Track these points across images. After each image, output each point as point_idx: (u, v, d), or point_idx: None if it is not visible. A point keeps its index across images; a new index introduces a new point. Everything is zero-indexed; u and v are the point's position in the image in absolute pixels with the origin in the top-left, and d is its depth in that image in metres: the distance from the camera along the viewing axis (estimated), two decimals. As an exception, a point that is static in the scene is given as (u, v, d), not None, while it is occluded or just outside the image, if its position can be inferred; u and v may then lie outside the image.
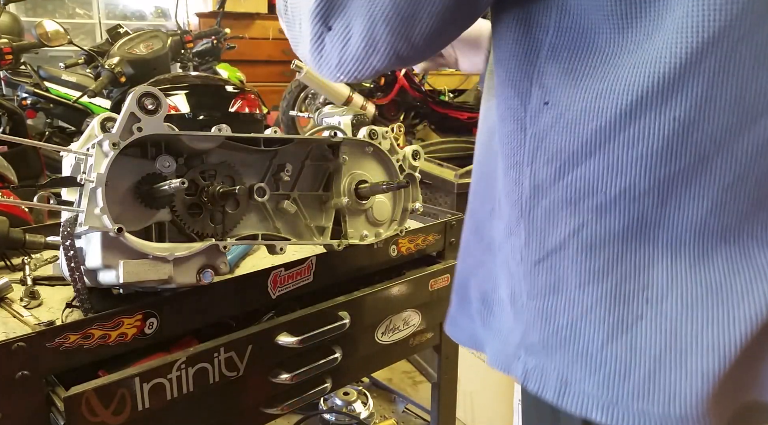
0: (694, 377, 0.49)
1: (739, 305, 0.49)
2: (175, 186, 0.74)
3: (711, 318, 0.49)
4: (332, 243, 0.96)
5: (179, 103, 2.03)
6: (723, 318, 0.49)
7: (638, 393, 0.51)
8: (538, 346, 0.56)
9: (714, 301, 0.49)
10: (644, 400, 0.51)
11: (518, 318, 0.58)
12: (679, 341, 0.50)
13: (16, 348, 0.71)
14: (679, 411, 0.49)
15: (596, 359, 0.52)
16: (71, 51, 3.02)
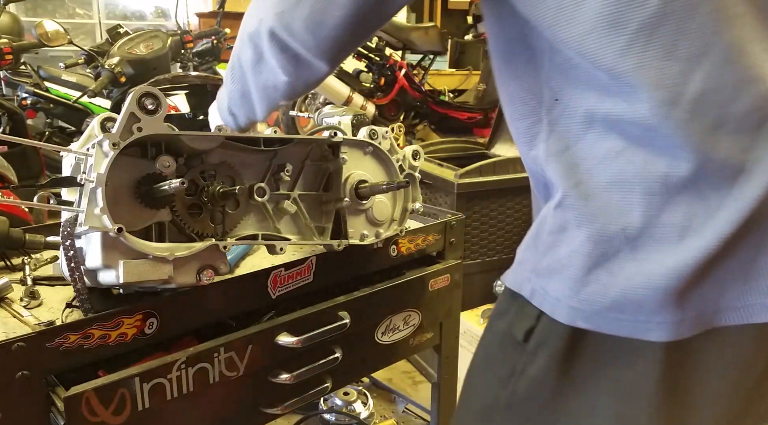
0: (656, 292, 0.62)
1: (694, 239, 0.61)
2: (175, 186, 0.74)
3: (672, 250, 0.62)
4: (332, 243, 0.96)
5: (179, 103, 2.03)
6: (682, 250, 0.61)
7: (614, 306, 0.64)
8: (545, 271, 0.70)
9: (676, 237, 0.62)
10: (618, 311, 0.64)
11: (537, 248, 0.73)
12: (647, 267, 0.63)
13: (16, 348, 0.71)
14: (644, 317, 0.63)
15: (583, 282, 0.66)
16: (71, 51, 3.02)
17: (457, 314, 1.27)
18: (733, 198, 0.61)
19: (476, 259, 2.15)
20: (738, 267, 0.63)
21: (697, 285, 0.63)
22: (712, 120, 0.60)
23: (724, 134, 0.60)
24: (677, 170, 0.61)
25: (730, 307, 0.64)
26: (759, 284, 0.63)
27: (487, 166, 2.09)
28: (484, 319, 1.98)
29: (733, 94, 0.60)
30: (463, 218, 1.25)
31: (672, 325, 0.63)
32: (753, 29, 0.61)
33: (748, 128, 0.61)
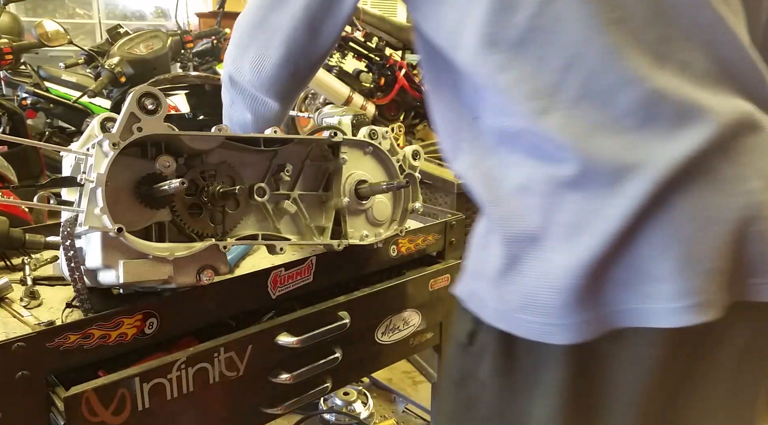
0: (557, 292, 0.64)
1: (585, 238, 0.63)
2: (175, 186, 0.74)
3: (567, 250, 0.64)
4: (332, 243, 0.96)
5: (179, 103, 2.03)
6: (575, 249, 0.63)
7: (523, 308, 0.67)
8: (475, 274, 0.75)
9: (569, 237, 0.64)
10: (527, 312, 0.66)
11: (470, 253, 0.78)
12: (548, 268, 0.65)
13: (16, 348, 0.71)
14: (549, 320, 0.65)
15: (500, 283, 0.69)
16: (71, 51, 3.02)
17: (457, 314, 1.27)
18: (618, 196, 0.62)
19: (476, 259, 2.15)
20: (635, 268, 0.63)
21: (594, 286, 0.63)
22: (590, 123, 0.62)
23: (604, 135, 0.62)
24: (564, 171, 0.63)
25: (631, 309, 0.64)
26: (658, 288, 0.62)
27: (487, 166, 2.09)
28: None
29: (610, 97, 0.62)
30: (463, 218, 1.25)
31: (575, 327, 0.64)
32: (632, 33, 0.62)
33: (630, 128, 0.62)
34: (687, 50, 0.64)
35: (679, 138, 0.62)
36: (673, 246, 0.62)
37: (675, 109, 0.62)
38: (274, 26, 0.80)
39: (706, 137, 0.61)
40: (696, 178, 0.62)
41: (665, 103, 0.62)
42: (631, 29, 0.62)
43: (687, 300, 0.62)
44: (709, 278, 0.62)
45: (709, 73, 0.65)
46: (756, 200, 0.63)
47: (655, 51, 0.63)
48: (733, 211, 0.62)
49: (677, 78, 0.63)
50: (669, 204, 0.61)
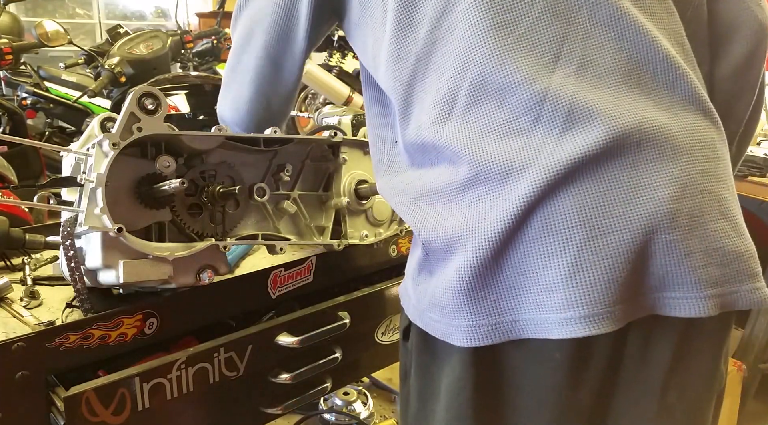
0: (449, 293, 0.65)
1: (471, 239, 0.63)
2: (175, 186, 0.74)
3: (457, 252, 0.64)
4: (332, 243, 0.96)
5: (179, 103, 2.02)
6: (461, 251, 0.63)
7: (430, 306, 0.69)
8: (407, 274, 0.77)
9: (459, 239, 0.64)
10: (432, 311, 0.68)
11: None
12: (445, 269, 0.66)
13: (16, 348, 0.71)
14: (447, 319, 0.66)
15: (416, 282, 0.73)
16: (71, 51, 3.02)
17: (457, 314, 1.27)
18: (502, 199, 0.61)
19: (476, 259, 2.15)
20: (524, 275, 0.61)
21: (484, 289, 0.63)
22: (482, 127, 0.63)
23: (495, 138, 0.62)
24: (458, 177, 0.65)
25: (525, 319, 0.62)
26: (548, 297, 0.60)
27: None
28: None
29: (500, 101, 0.62)
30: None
31: (468, 330, 0.64)
32: (522, 35, 0.62)
33: (520, 131, 0.62)
34: (587, 48, 0.62)
35: (567, 140, 0.59)
36: (562, 254, 0.59)
37: (566, 111, 0.60)
38: (243, 68, 0.87)
39: (597, 141, 0.58)
40: (588, 184, 0.59)
41: (556, 105, 0.60)
42: (521, 31, 0.62)
43: (575, 311, 0.59)
44: (600, 289, 0.59)
45: (612, 71, 0.62)
46: (665, 209, 0.59)
47: (550, 51, 0.62)
48: (636, 220, 0.58)
49: (572, 78, 0.61)
50: (557, 209, 0.59)
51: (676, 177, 0.59)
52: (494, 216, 0.61)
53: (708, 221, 0.60)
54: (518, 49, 0.62)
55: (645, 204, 0.59)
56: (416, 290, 0.73)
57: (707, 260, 0.60)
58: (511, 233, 0.60)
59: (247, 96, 0.88)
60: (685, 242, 0.59)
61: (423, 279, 0.71)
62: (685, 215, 0.59)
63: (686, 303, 0.61)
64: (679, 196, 0.59)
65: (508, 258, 0.61)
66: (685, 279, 0.60)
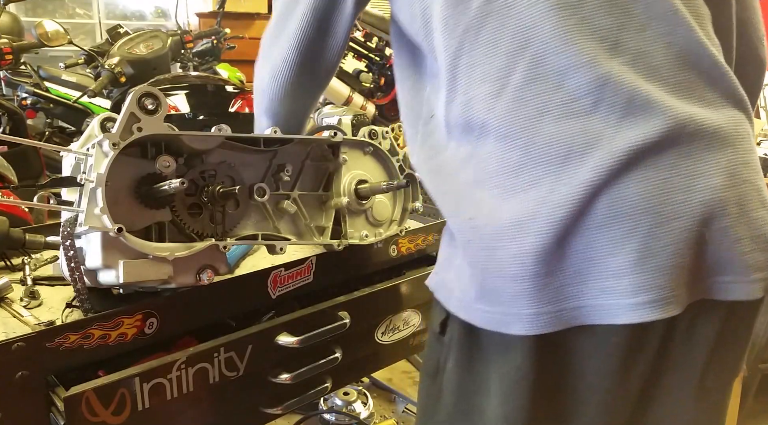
0: (507, 280, 0.64)
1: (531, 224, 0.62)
2: (175, 186, 0.74)
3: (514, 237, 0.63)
4: (332, 243, 0.96)
5: (179, 103, 2.02)
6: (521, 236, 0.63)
7: (478, 297, 0.67)
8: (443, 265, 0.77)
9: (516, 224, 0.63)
10: (482, 302, 0.67)
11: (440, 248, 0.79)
12: (497, 256, 0.64)
13: (16, 348, 0.71)
14: (503, 308, 0.65)
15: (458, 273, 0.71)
16: (71, 51, 3.02)
17: (457, 314, 1.27)
18: (562, 183, 0.61)
19: (476, 259, 2.15)
20: (589, 261, 0.62)
21: (548, 276, 0.62)
22: (539, 107, 0.62)
23: (553, 120, 0.62)
24: (510, 158, 0.63)
25: (589, 306, 0.63)
26: (615, 283, 0.61)
27: (487, 166, 2.09)
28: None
29: (560, 81, 0.62)
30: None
31: (529, 318, 0.63)
32: (585, 18, 0.62)
33: (579, 113, 0.62)
34: (642, 40, 0.63)
35: (627, 127, 0.61)
36: (629, 240, 0.60)
37: (626, 97, 0.61)
38: (287, 33, 0.83)
39: (656, 129, 0.60)
40: (650, 172, 0.60)
41: (617, 91, 0.61)
42: (584, 14, 0.62)
43: (644, 296, 0.61)
44: (667, 274, 0.61)
45: (663, 65, 0.63)
46: (718, 197, 0.61)
47: (609, 38, 0.62)
48: (695, 207, 0.61)
49: (629, 67, 0.62)
50: (622, 196, 0.60)
51: (725, 167, 0.62)
52: (555, 200, 0.61)
53: (751, 209, 0.64)
54: (580, 31, 0.62)
55: (702, 192, 0.61)
56: (460, 281, 0.70)
57: (753, 246, 0.64)
58: (576, 218, 0.61)
59: (289, 63, 0.84)
60: (734, 229, 0.62)
61: (468, 269, 0.68)
62: (734, 203, 0.62)
63: (737, 287, 0.65)
64: (728, 184, 0.62)
65: (574, 245, 0.61)
66: (735, 264, 0.64)
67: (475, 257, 0.67)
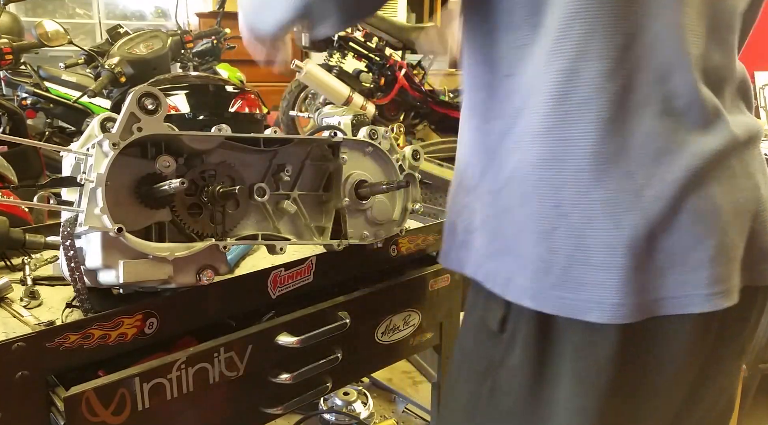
0: (595, 269, 0.64)
1: (624, 216, 0.63)
2: (175, 186, 0.74)
3: (604, 227, 0.63)
4: (332, 243, 0.96)
5: (179, 103, 2.02)
6: (613, 227, 0.63)
7: (557, 283, 0.66)
8: (495, 254, 0.73)
9: (606, 215, 0.63)
10: (559, 289, 0.66)
11: (485, 235, 0.74)
12: (585, 242, 0.64)
13: (16, 348, 0.71)
14: (585, 296, 0.65)
15: (526, 260, 0.68)
16: (71, 51, 3.02)
17: (457, 314, 1.27)
18: (658, 178, 0.63)
19: (476, 259, 2.14)
20: (673, 255, 0.64)
21: (636, 268, 0.64)
22: (642, 98, 0.63)
23: (650, 114, 0.63)
24: (604, 147, 0.63)
25: (670, 297, 0.65)
26: (692, 277, 0.65)
27: (487, 166, 2.09)
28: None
29: (665, 76, 0.63)
30: (463, 218, 1.25)
31: (612, 307, 0.64)
32: (692, 17, 0.64)
33: (673, 111, 0.64)
34: (714, 56, 0.67)
35: (709, 133, 0.65)
36: (710, 237, 0.64)
37: (710, 106, 0.66)
38: None
39: (726, 138, 0.66)
40: (724, 173, 0.66)
41: (704, 98, 0.65)
42: (691, 14, 0.64)
43: (717, 287, 0.64)
44: (733, 265, 0.66)
45: (725, 79, 0.69)
46: (762, 193, 0.70)
47: (702, 44, 0.65)
48: (754, 203, 0.68)
49: (709, 78, 0.66)
50: (707, 195, 0.64)
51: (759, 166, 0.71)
52: (651, 195, 0.63)
53: None
54: (691, 29, 0.64)
55: (755, 190, 0.69)
56: (526, 268, 0.68)
57: None
58: (668, 215, 0.63)
59: None
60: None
61: (541, 255, 0.67)
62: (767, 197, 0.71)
63: None
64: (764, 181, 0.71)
65: (661, 240, 0.64)
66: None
67: (559, 244, 0.66)
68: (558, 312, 0.67)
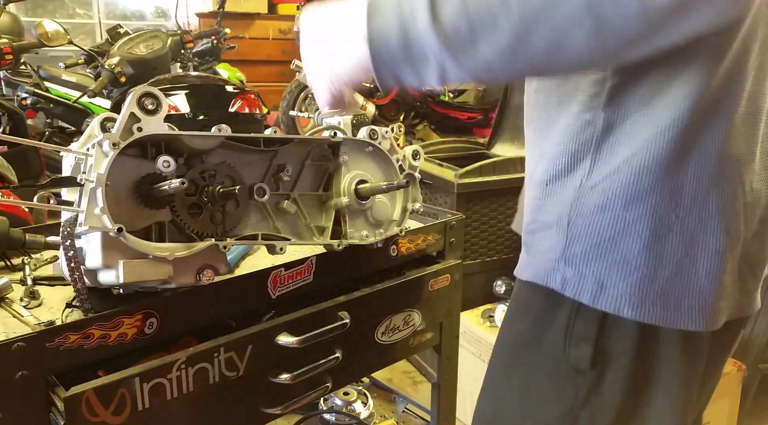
0: (701, 276, 0.63)
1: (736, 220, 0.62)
2: (175, 186, 0.74)
3: (717, 229, 0.62)
4: (332, 243, 0.96)
5: (179, 103, 2.03)
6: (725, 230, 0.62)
7: (662, 293, 0.63)
8: (579, 257, 0.66)
9: (722, 217, 0.62)
10: (666, 296, 0.63)
11: (562, 236, 0.68)
12: (694, 248, 0.62)
13: (16, 348, 0.71)
14: (688, 303, 0.63)
15: (631, 265, 0.63)
16: (71, 51, 3.02)
17: (457, 314, 1.27)
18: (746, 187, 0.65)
19: (476, 259, 2.15)
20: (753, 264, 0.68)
21: (731, 274, 0.66)
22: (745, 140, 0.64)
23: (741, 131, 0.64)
24: (738, 148, 0.63)
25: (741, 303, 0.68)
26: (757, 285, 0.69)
27: (487, 166, 2.10)
28: (484, 319, 1.98)
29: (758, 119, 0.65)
30: (463, 218, 1.25)
31: (712, 314, 0.65)
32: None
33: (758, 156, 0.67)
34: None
35: None
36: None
37: None
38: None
39: None
40: None
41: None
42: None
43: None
44: None
45: None
46: None
47: None
48: None
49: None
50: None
51: None
52: (750, 201, 0.65)
53: None
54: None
55: None
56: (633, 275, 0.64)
57: None
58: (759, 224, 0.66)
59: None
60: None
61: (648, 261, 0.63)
62: None
63: None
64: None
65: (750, 247, 0.66)
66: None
67: (670, 248, 0.63)
68: (660, 321, 0.64)
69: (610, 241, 0.64)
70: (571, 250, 0.67)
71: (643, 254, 0.63)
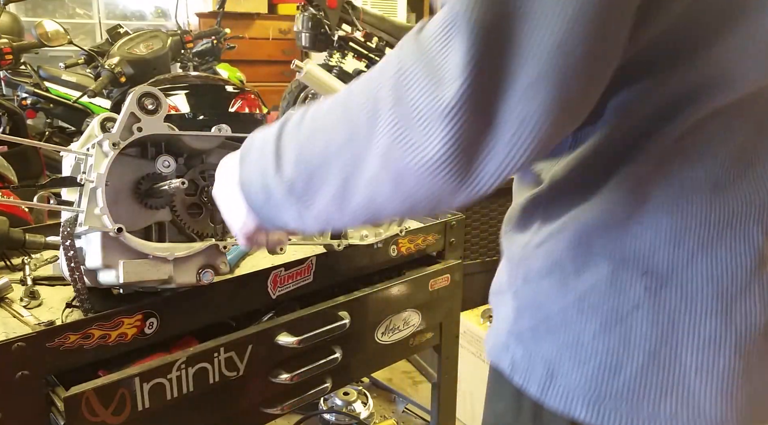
0: (689, 374, 0.45)
1: (742, 298, 0.45)
2: (175, 186, 0.74)
3: (710, 310, 0.45)
4: (332, 243, 0.96)
5: (179, 103, 2.03)
6: (723, 311, 0.45)
7: (628, 390, 0.46)
8: (527, 334, 0.52)
9: (715, 291, 0.45)
10: (634, 398, 0.46)
11: (511, 304, 0.55)
12: (675, 334, 0.45)
13: (16, 348, 0.71)
14: (670, 410, 0.45)
15: (586, 350, 0.48)
16: (71, 51, 3.02)
17: (457, 314, 1.27)
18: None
19: (476, 259, 2.15)
20: None
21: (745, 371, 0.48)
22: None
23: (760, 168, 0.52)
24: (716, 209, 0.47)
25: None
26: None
27: (487, 166, 2.09)
28: (484, 319, 1.98)
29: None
30: (463, 218, 1.25)
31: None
32: None
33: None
34: None
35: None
36: None
37: None
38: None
39: None
40: None
41: None
42: None
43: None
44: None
45: None
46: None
47: None
48: None
49: None
50: None
51: None
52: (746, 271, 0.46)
53: None
54: None
55: None
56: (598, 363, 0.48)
57: None
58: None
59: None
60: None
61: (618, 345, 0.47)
62: None
63: None
64: None
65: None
66: None
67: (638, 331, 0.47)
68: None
69: (561, 315, 0.49)
70: (519, 324, 0.54)
71: (601, 337, 0.47)
